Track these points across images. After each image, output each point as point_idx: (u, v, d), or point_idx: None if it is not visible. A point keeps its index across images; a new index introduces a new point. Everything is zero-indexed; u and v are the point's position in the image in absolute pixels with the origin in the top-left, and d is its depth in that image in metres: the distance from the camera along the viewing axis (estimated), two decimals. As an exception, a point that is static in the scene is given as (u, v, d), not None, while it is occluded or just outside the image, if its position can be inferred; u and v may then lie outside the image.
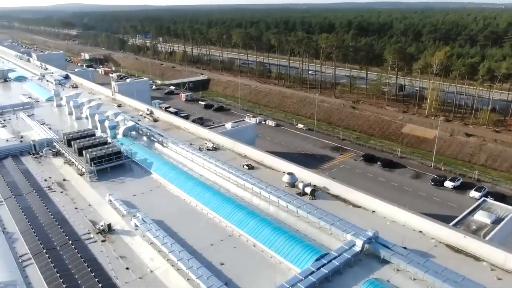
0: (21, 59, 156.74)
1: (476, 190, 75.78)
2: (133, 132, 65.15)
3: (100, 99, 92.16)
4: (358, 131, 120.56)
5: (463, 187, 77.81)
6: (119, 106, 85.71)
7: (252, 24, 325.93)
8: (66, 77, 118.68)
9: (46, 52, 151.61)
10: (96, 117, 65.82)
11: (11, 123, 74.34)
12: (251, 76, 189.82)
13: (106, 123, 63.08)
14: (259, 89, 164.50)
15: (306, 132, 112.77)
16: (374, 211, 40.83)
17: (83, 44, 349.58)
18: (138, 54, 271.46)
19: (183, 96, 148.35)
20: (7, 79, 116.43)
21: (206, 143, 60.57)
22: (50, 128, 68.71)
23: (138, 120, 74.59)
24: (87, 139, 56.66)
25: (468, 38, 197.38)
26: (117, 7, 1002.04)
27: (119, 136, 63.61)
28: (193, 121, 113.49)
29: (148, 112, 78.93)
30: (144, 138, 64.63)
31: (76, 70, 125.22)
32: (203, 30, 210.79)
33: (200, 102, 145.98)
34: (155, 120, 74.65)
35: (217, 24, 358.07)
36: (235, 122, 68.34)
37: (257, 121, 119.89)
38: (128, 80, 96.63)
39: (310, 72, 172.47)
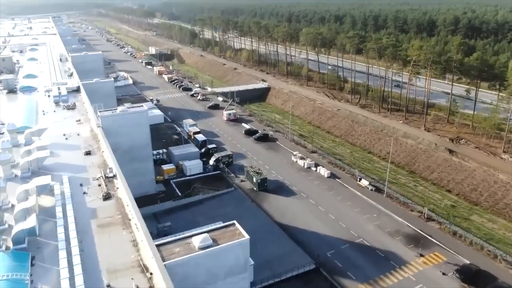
0: (61, 60, 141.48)
1: None
2: (32, 238, 37.82)
3: (78, 135, 67.60)
4: (455, 193, 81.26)
5: None
6: (88, 154, 59.68)
7: (336, 19, 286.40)
8: (78, 89, 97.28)
9: (83, 53, 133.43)
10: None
11: None
12: (320, 87, 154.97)
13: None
14: (325, 107, 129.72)
15: (371, 194, 76.58)
16: None
17: (160, 36, 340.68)
18: (206, 50, 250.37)
19: (225, 114, 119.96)
20: (14, 90, 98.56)
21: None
22: None
23: (84, 193, 47.70)
24: None
25: None
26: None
27: (10, 245, 36.77)
28: (217, 160, 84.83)
29: (111, 176, 51.42)
30: (46, 252, 36.90)
31: (94, 80, 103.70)
32: (270, 27, 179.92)
33: (243, 124, 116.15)
34: (107, 197, 46.77)
35: (298, 18, 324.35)
36: (213, 231, 37.13)
37: (305, 166, 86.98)
38: (119, 110, 70.54)
39: (394, 84, 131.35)
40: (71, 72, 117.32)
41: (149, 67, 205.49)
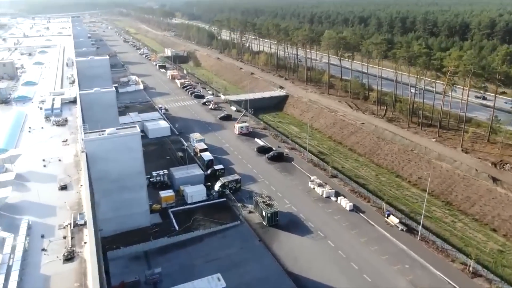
0: (67, 64, 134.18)
1: None
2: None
3: (60, 160, 58.25)
4: (502, 233, 68.55)
5: None
6: (64, 188, 50.20)
7: (361, 21, 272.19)
8: (74, 101, 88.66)
9: (89, 58, 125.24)
10: None
11: None
12: (342, 96, 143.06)
13: None
14: (347, 120, 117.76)
15: (402, 235, 64.44)
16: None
17: (178, 36, 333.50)
18: (223, 52, 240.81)
19: (237, 127, 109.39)
20: (7, 100, 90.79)
21: None
22: None
23: (43, 250, 38.24)
24: None
25: None
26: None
27: None
28: (223, 186, 74.56)
29: (81, 223, 41.60)
30: None
31: (94, 89, 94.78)
32: (290, 30, 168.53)
33: (256, 139, 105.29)
34: (68, 257, 36.92)
35: (321, 19, 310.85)
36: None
37: (324, 195, 75.69)
38: (107, 132, 60.85)
39: (426, 93, 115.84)
40: (73, 80, 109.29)
41: (163, 70, 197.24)
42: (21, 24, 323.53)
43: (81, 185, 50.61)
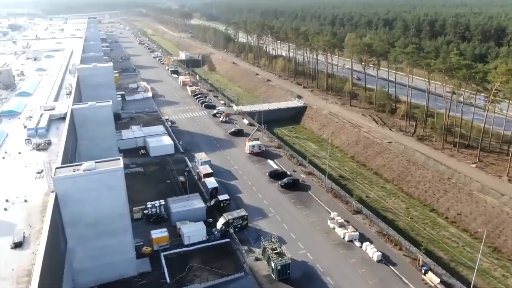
0: (70, 72, 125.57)
1: None
2: None
3: (26, 201, 48.20)
4: None
5: None
6: (18, 245, 39.89)
7: (385, 23, 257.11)
8: (64, 117, 78.90)
9: (92, 65, 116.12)
10: None
11: None
12: (366, 108, 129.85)
13: None
14: (372, 137, 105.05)
15: (444, 299, 52.18)
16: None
17: (194, 38, 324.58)
18: (239, 56, 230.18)
19: (247, 146, 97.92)
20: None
21: None
22: None
23: None
24: None
25: None
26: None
27: None
28: (227, 224, 63.46)
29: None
30: None
31: (89, 104, 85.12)
32: (309, 35, 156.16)
33: (269, 161, 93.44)
34: None
35: (342, 21, 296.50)
36: None
37: (346, 238, 63.56)
38: (83, 168, 50.18)
39: (463, 107, 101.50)
40: (69, 91, 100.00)
41: (175, 75, 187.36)
42: (37, 25, 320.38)
43: (39, 243, 40.27)
